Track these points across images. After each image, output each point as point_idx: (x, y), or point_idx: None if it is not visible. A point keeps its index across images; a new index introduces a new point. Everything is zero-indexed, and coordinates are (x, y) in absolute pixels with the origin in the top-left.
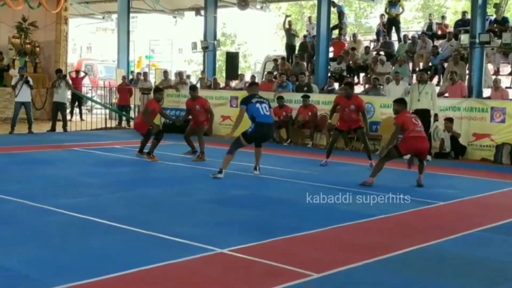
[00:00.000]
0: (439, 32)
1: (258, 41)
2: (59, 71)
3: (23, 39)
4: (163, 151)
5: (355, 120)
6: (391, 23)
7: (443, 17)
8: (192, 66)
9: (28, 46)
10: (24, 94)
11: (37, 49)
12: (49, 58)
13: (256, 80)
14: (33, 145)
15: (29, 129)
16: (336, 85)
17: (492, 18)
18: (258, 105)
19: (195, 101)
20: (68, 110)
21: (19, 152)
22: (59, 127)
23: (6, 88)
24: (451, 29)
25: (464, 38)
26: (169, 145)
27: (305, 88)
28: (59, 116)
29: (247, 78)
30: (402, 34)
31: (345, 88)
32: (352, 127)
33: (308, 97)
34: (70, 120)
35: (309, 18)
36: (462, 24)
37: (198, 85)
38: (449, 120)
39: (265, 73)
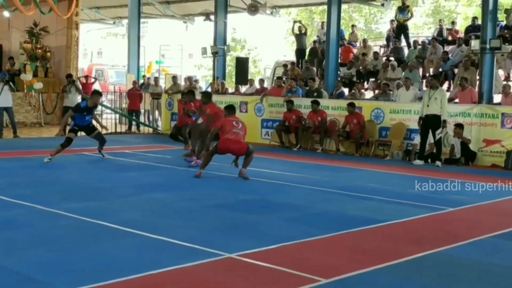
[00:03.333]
0: (450, 38)
1: (268, 46)
2: (69, 76)
3: (34, 44)
4: (172, 155)
5: None
6: (400, 28)
7: (453, 23)
8: (202, 71)
9: (39, 51)
10: (5, 99)
11: (48, 54)
12: (60, 63)
13: (265, 85)
14: (43, 149)
15: (14, 133)
16: (345, 90)
17: (503, 23)
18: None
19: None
20: None
21: (29, 157)
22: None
23: (18, 93)
24: (461, 34)
25: (475, 44)
26: (178, 149)
27: (315, 94)
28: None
29: (257, 83)
30: (412, 39)
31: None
32: None
33: (318, 103)
34: None
35: (322, 23)
36: (473, 29)
37: (209, 90)
38: (459, 126)
39: (275, 78)
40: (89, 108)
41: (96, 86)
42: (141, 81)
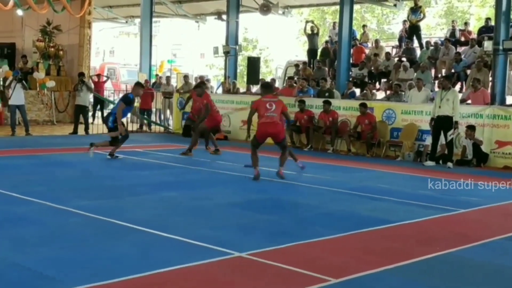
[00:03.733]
0: (462, 39)
1: (279, 46)
2: (81, 74)
3: (47, 42)
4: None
5: None
6: (413, 29)
7: (466, 24)
8: (213, 70)
9: (52, 49)
10: (18, 97)
11: (61, 52)
12: (72, 61)
13: (277, 85)
14: (56, 147)
15: (27, 131)
16: (357, 91)
17: None
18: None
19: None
20: (90, 113)
21: (41, 154)
22: (81, 130)
23: (30, 91)
24: (474, 35)
25: (488, 45)
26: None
27: (327, 94)
28: (81, 119)
29: None
30: (424, 40)
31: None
32: None
33: (330, 104)
34: (92, 123)
35: (333, 24)
36: (486, 30)
37: (220, 90)
38: (470, 128)
39: (286, 78)
40: (133, 101)
41: (108, 85)
42: (153, 80)
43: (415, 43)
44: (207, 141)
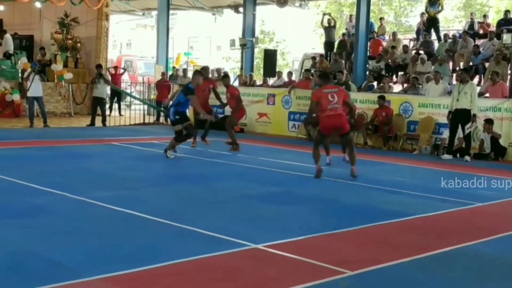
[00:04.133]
0: (481, 31)
1: (296, 38)
2: (99, 66)
3: (65, 34)
4: (201, 147)
5: None
6: (431, 22)
7: (485, 16)
8: (230, 63)
9: (70, 41)
10: (36, 89)
11: (78, 44)
12: (89, 53)
13: (293, 78)
14: (73, 139)
15: (45, 123)
16: (374, 84)
17: None
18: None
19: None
20: (107, 105)
21: (60, 146)
22: (98, 121)
23: (48, 83)
24: (493, 28)
25: (507, 38)
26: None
27: (343, 87)
28: (99, 111)
29: (285, 76)
30: (442, 33)
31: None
32: None
33: None
34: (109, 115)
35: (350, 16)
36: (505, 23)
37: (237, 82)
38: (489, 122)
39: (303, 70)
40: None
41: (125, 77)
42: (170, 72)
43: (433, 36)
44: (207, 132)
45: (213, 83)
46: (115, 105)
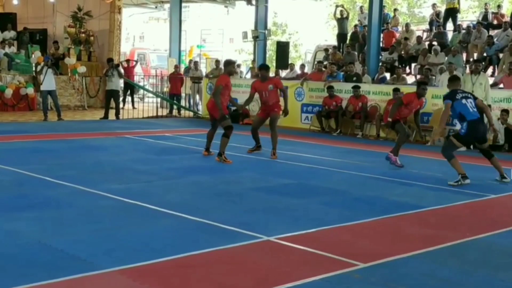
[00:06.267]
0: (495, 22)
1: (309, 30)
2: (110, 60)
3: (78, 28)
4: (214, 139)
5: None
6: (450, 12)
7: (499, 6)
8: (242, 55)
9: (83, 35)
10: (49, 83)
11: (91, 38)
12: (102, 47)
13: (306, 70)
14: (87, 132)
15: (58, 116)
16: (387, 75)
17: None
18: (464, 101)
19: (266, 82)
20: (120, 99)
21: (73, 139)
22: (111, 114)
23: (62, 76)
24: (507, 18)
25: None
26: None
27: (355, 78)
28: (112, 104)
29: (297, 68)
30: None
31: (422, 88)
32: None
33: (359, 87)
34: (123, 108)
35: (361, 7)
36: None
37: (249, 75)
38: (506, 112)
39: (316, 62)
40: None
41: (138, 70)
42: (183, 65)
43: (448, 27)
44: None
45: (274, 81)
46: (128, 98)
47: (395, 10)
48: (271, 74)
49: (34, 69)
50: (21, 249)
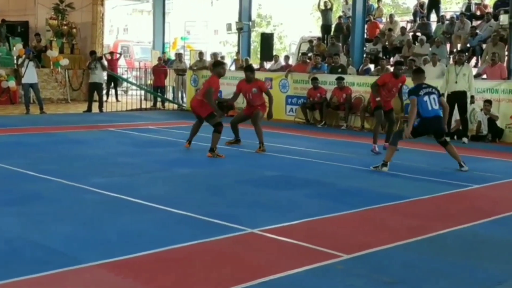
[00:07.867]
0: (478, 13)
1: (293, 22)
2: (93, 52)
3: (60, 20)
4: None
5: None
6: (433, 2)
7: None
8: (227, 47)
9: (65, 27)
10: (31, 76)
11: (74, 30)
12: (85, 39)
13: (290, 62)
14: (70, 125)
15: (41, 109)
16: (371, 66)
17: None
18: (426, 97)
19: (251, 83)
20: (104, 91)
21: (56, 132)
22: (95, 107)
23: (44, 69)
24: (490, 9)
25: (504, 19)
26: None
27: (339, 70)
28: (95, 97)
29: (282, 59)
30: (440, 15)
31: (398, 68)
32: (389, 107)
33: (343, 79)
34: (106, 101)
35: None
36: (502, 4)
37: (233, 67)
38: (488, 102)
39: (300, 54)
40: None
41: (121, 62)
42: (167, 57)
43: (431, 18)
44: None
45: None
46: (112, 91)
47: (379, 1)
48: (256, 66)
49: (15, 62)
50: (3, 244)
